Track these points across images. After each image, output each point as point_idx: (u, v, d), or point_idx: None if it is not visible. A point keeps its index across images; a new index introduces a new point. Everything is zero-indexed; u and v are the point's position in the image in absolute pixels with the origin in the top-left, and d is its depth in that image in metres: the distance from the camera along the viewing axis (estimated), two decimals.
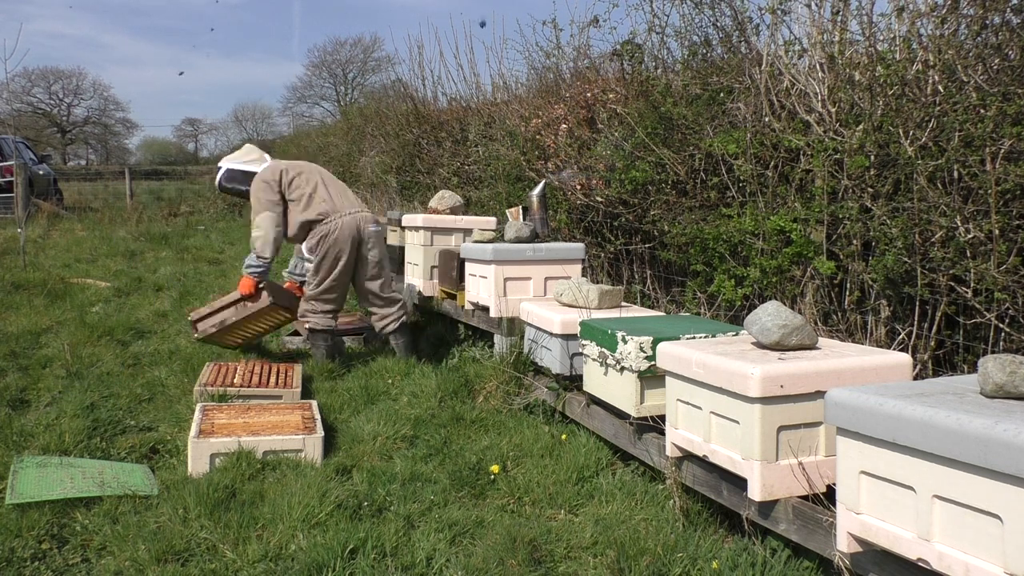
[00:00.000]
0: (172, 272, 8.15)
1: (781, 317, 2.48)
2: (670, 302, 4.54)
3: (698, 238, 3.91)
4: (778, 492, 2.31)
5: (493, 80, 7.21)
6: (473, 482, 3.06)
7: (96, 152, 55.49)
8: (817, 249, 3.36)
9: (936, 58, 2.91)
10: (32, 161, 15.62)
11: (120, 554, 2.51)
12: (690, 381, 2.55)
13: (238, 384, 4.07)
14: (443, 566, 2.45)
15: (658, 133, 4.26)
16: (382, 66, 40.01)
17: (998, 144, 2.63)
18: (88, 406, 3.89)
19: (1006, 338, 2.75)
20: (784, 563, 2.36)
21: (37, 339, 5.32)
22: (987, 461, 1.57)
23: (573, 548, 2.57)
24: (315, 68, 48.89)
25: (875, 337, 3.19)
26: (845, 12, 3.39)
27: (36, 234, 10.73)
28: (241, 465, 3.13)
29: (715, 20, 4.22)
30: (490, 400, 3.92)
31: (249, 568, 2.44)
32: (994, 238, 2.65)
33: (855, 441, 1.88)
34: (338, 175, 14.00)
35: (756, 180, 3.66)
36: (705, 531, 2.65)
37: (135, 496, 2.90)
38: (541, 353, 3.84)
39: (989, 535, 1.61)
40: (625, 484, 3.02)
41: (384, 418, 3.73)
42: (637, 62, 4.67)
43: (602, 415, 3.30)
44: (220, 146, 56.21)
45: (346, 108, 24.83)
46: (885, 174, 3.09)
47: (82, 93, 50.71)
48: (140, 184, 24.00)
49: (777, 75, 3.63)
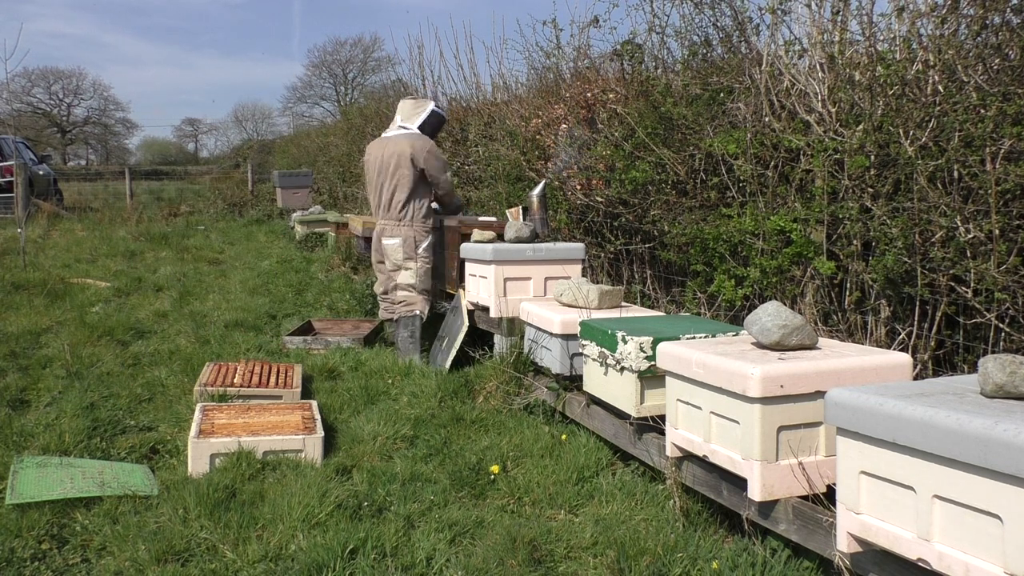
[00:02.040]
0: (172, 272, 8.15)
1: (781, 317, 2.48)
2: (670, 302, 4.54)
3: (698, 238, 3.91)
4: (778, 492, 2.31)
5: (493, 80, 7.23)
6: (473, 482, 3.06)
7: (96, 152, 55.50)
8: (817, 249, 3.35)
9: (936, 58, 2.91)
10: (32, 161, 15.63)
11: (120, 554, 2.51)
12: (690, 381, 2.55)
13: (238, 384, 4.07)
14: (443, 566, 2.45)
15: (658, 133, 4.26)
16: (382, 66, 40.02)
17: (998, 144, 2.63)
18: (88, 406, 3.89)
19: (1006, 338, 2.74)
20: (784, 563, 2.36)
21: (37, 339, 5.33)
22: (987, 461, 1.57)
23: (573, 548, 2.57)
24: (315, 68, 48.95)
25: (875, 337, 3.18)
26: (845, 12, 3.39)
27: (36, 234, 10.73)
28: (241, 465, 3.13)
29: (715, 20, 4.22)
30: (490, 400, 3.92)
31: (249, 568, 2.44)
32: (994, 238, 2.64)
33: (855, 441, 1.88)
34: (338, 175, 14.07)
35: (756, 180, 3.66)
36: (705, 531, 2.65)
37: (135, 496, 2.90)
38: (541, 353, 3.84)
39: (989, 535, 1.61)
40: (625, 484, 3.02)
41: (384, 418, 3.73)
42: (637, 62, 4.67)
43: (602, 415, 3.30)
44: (220, 146, 56.29)
45: (346, 108, 24.82)
46: (885, 174, 3.09)
47: (82, 93, 50.77)
48: (140, 184, 24.00)
49: (777, 75, 3.63)
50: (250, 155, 25.94)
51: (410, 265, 4.96)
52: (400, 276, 4.99)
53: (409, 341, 4.96)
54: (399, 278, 5.00)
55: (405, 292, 4.98)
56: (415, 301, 4.98)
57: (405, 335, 4.97)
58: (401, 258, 4.97)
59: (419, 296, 4.98)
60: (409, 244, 4.96)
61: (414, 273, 4.96)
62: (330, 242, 9.61)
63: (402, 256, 4.97)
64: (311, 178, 14.04)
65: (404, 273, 4.98)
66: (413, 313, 4.98)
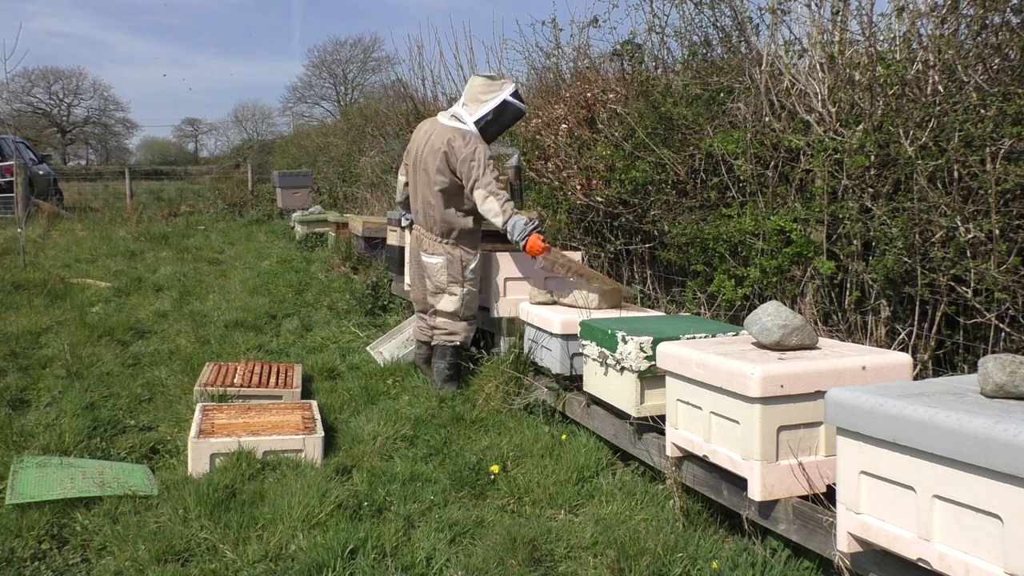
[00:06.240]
0: (172, 272, 8.15)
1: (781, 317, 2.48)
2: (670, 302, 4.54)
3: (698, 238, 3.91)
4: (778, 492, 2.31)
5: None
6: (473, 482, 3.05)
7: (96, 152, 55.52)
8: (817, 249, 3.35)
9: (936, 58, 2.91)
10: (32, 161, 15.63)
11: (120, 554, 2.51)
12: (690, 381, 2.55)
13: (238, 384, 4.07)
14: (443, 566, 2.45)
15: (658, 133, 4.26)
16: (382, 66, 40.10)
17: (998, 144, 2.63)
18: (88, 406, 3.89)
19: (1006, 338, 2.74)
20: (784, 563, 2.36)
21: (37, 339, 5.32)
22: (987, 461, 1.57)
23: (573, 548, 2.57)
24: (315, 68, 48.99)
25: (875, 337, 3.18)
26: (845, 12, 3.39)
27: (36, 234, 10.73)
28: (241, 465, 3.13)
29: (715, 20, 4.22)
30: (490, 400, 3.92)
31: (249, 568, 2.44)
32: (994, 238, 2.64)
33: (855, 441, 1.88)
34: (338, 175, 14.08)
35: (756, 180, 3.66)
36: (705, 531, 2.65)
37: (135, 496, 2.90)
38: (541, 353, 3.84)
39: (989, 535, 1.61)
40: (625, 484, 3.02)
41: (384, 418, 3.73)
42: (637, 62, 4.67)
43: (602, 415, 3.30)
44: (220, 146, 56.31)
45: (346, 108, 24.86)
46: (885, 174, 3.09)
47: (82, 93, 50.79)
48: (140, 184, 24.01)
49: (777, 75, 3.63)
50: (250, 155, 25.94)
51: (455, 291, 4.18)
52: (442, 302, 4.21)
53: (447, 372, 4.22)
54: (440, 304, 4.22)
55: (445, 319, 4.23)
56: (457, 331, 4.22)
57: (442, 366, 4.23)
58: (445, 281, 4.20)
59: (461, 323, 4.23)
60: (455, 266, 4.18)
61: (459, 299, 4.19)
62: (330, 242, 9.61)
63: (446, 279, 4.19)
64: (311, 178, 14.04)
65: (447, 299, 4.19)
66: (453, 343, 4.24)
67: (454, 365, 4.23)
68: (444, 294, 4.20)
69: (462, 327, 4.22)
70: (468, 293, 4.20)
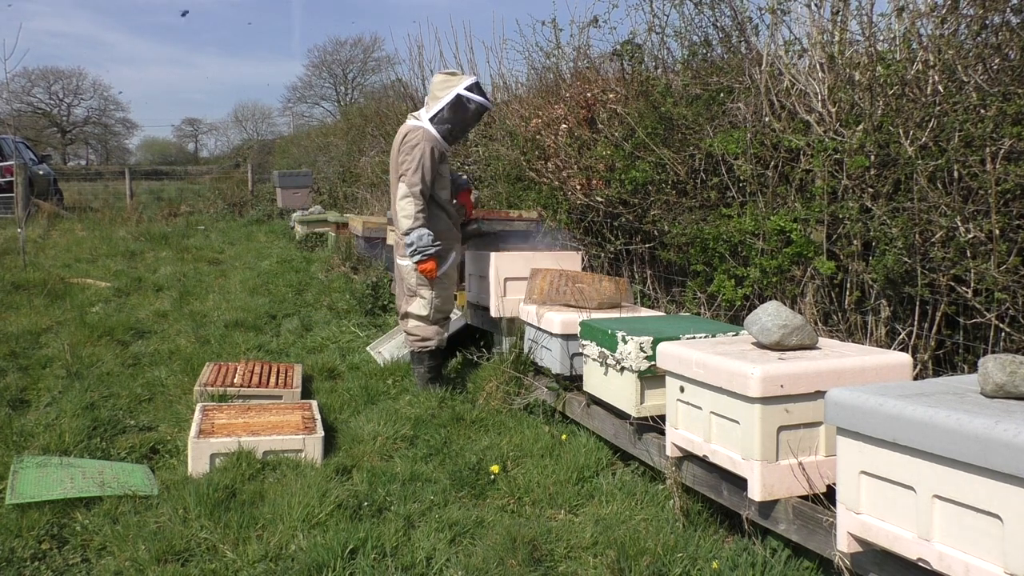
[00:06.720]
0: (172, 272, 8.15)
1: (781, 317, 2.48)
2: (670, 302, 4.54)
3: (698, 238, 3.91)
4: (778, 492, 2.31)
5: (493, 80, 7.19)
6: (473, 482, 3.05)
7: (96, 152, 55.52)
8: (817, 249, 3.35)
9: (936, 58, 2.91)
10: (32, 161, 15.63)
11: (120, 554, 2.51)
12: (690, 381, 2.55)
13: (238, 384, 4.07)
14: (443, 566, 2.45)
15: (658, 133, 4.26)
16: (382, 66, 40.07)
17: (998, 144, 2.63)
18: (88, 406, 3.89)
19: (1006, 338, 2.74)
20: (784, 563, 2.36)
21: (37, 339, 5.32)
22: (987, 461, 1.57)
23: (573, 548, 2.57)
24: (315, 68, 48.99)
25: (875, 337, 3.18)
26: (845, 12, 3.39)
27: (36, 234, 10.73)
28: (241, 465, 3.13)
29: (715, 20, 4.21)
30: (490, 400, 3.92)
31: (249, 568, 2.44)
32: (994, 238, 2.64)
33: (855, 441, 1.88)
34: (338, 175, 14.07)
35: (756, 180, 3.66)
36: (705, 531, 2.65)
37: (135, 496, 2.90)
38: (541, 353, 3.84)
39: (989, 535, 1.61)
40: (625, 484, 3.02)
41: (384, 418, 3.73)
42: (637, 62, 4.66)
43: (602, 415, 3.30)
44: (220, 146, 56.32)
45: (346, 108, 24.86)
46: (885, 174, 3.09)
47: (82, 93, 50.79)
48: (140, 184, 24.01)
49: (777, 75, 3.63)
50: (250, 155, 25.95)
51: (425, 294, 4.11)
52: (413, 305, 4.14)
53: (427, 375, 4.19)
54: (411, 307, 4.14)
55: (416, 323, 4.16)
56: (429, 335, 4.16)
57: (421, 371, 4.21)
58: (415, 284, 4.12)
59: (432, 327, 4.17)
60: None
61: (428, 303, 4.12)
62: (330, 242, 9.61)
63: (415, 282, 4.11)
64: (311, 178, 14.04)
65: (418, 303, 4.12)
66: (428, 348, 4.18)
67: (433, 367, 4.21)
68: (416, 297, 4.14)
69: (433, 331, 4.17)
70: (438, 297, 4.15)
